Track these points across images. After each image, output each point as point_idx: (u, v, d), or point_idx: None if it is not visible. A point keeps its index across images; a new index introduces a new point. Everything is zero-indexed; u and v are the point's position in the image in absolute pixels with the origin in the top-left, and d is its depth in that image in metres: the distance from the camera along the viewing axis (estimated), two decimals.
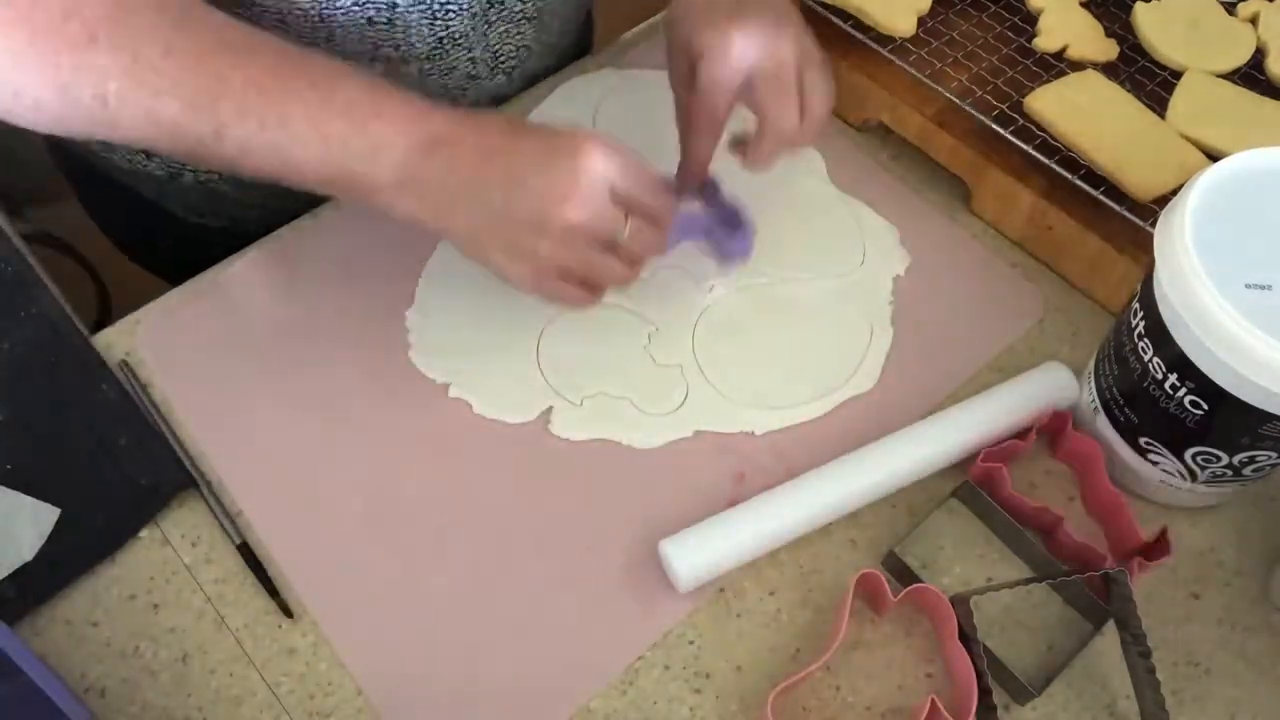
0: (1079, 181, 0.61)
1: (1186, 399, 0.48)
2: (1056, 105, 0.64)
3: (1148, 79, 0.67)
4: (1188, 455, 0.51)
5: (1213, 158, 0.60)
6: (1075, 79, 0.66)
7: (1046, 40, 0.69)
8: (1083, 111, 0.63)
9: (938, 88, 0.66)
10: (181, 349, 0.60)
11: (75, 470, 0.55)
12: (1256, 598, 0.54)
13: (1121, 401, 0.53)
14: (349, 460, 0.57)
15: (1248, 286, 0.45)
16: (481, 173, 0.50)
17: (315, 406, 0.58)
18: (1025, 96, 0.65)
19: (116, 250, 0.90)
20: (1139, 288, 0.51)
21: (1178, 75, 0.66)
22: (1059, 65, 0.68)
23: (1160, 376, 0.49)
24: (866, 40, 0.69)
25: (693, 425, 0.58)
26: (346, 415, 0.58)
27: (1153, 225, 0.51)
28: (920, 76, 0.67)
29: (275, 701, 0.50)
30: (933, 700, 0.47)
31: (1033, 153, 0.63)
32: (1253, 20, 0.68)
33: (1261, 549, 0.56)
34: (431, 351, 0.61)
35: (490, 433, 0.58)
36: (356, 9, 0.61)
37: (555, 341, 0.61)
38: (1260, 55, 0.67)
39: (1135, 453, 0.54)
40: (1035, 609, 0.53)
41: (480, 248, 0.52)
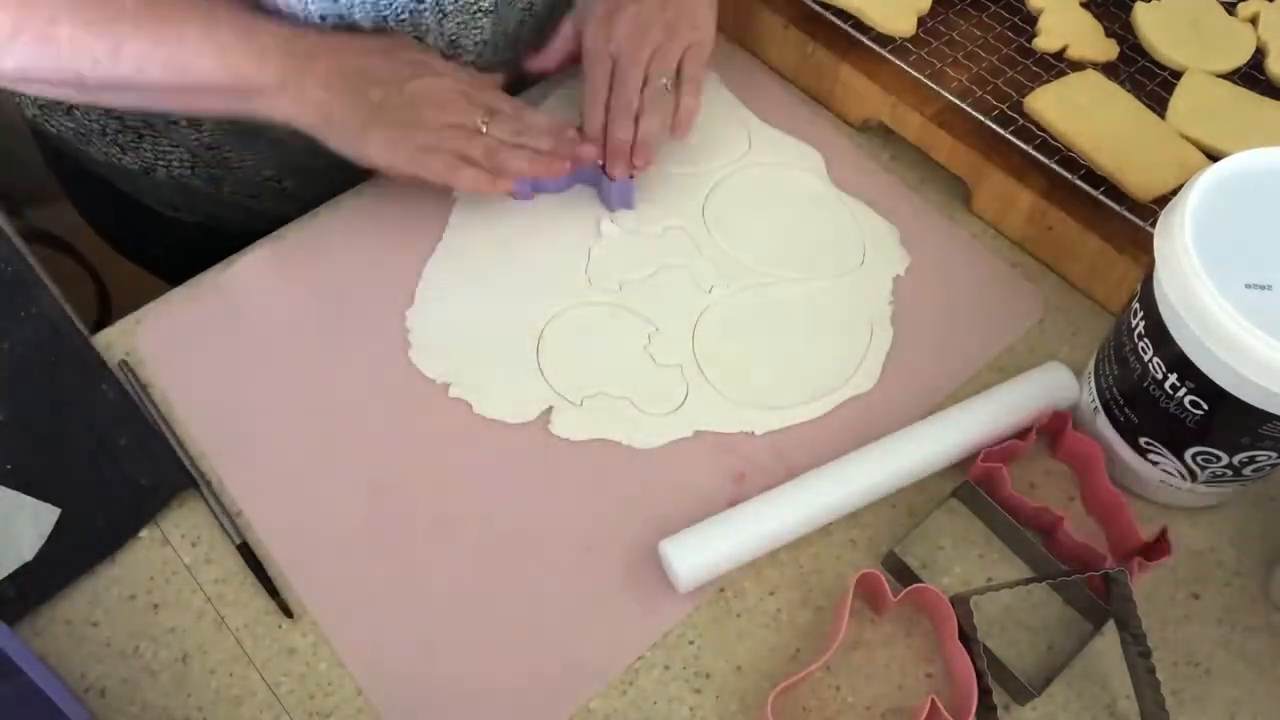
0: (1079, 181, 0.61)
1: (1186, 399, 0.48)
2: (1056, 105, 0.64)
3: (1148, 79, 0.67)
4: (1188, 455, 0.51)
5: (1213, 158, 0.60)
6: (1075, 79, 0.66)
7: (1046, 40, 0.69)
8: (1083, 111, 0.63)
9: (938, 88, 0.66)
10: (181, 349, 0.60)
11: (75, 470, 0.55)
12: (1256, 598, 0.54)
13: (1121, 401, 0.53)
14: (349, 460, 0.56)
15: (1248, 286, 0.45)
16: (359, 68, 0.59)
17: (315, 406, 0.58)
18: (1025, 96, 0.65)
19: (115, 250, 0.90)
20: (1139, 288, 0.51)
21: (1178, 75, 0.66)
22: (1059, 65, 0.68)
23: (1160, 376, 0.49)
24: (866, 40, 0.69)
25: (693, 425, 0.58)
26: (346, 415, 0.58)
27: (1153, 225, 0.52)
28: (920, 76, 0.67)
29: (275, 701, 0.50)
30: (933, 700, 0.47)
31: (1033, 153, 0.63)
32: (1253, 20, 0.68)
33: (1261, 549, 0.56)
34: (431, 351, 0.61)
35: (490, 433, 0.58)
36: None
37: (555, 341, 0.61)
38: (1260, 55, 0.67)
39: (1135, 453, 0.54)
40: (1035, 609, 0.53)
41: (357, 137, 0.59)
